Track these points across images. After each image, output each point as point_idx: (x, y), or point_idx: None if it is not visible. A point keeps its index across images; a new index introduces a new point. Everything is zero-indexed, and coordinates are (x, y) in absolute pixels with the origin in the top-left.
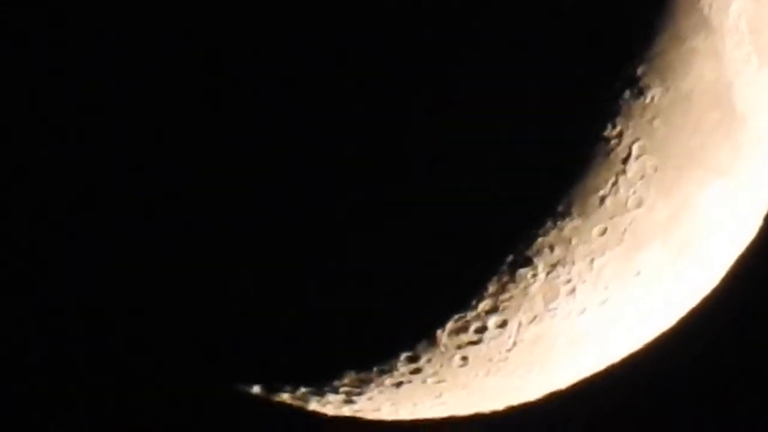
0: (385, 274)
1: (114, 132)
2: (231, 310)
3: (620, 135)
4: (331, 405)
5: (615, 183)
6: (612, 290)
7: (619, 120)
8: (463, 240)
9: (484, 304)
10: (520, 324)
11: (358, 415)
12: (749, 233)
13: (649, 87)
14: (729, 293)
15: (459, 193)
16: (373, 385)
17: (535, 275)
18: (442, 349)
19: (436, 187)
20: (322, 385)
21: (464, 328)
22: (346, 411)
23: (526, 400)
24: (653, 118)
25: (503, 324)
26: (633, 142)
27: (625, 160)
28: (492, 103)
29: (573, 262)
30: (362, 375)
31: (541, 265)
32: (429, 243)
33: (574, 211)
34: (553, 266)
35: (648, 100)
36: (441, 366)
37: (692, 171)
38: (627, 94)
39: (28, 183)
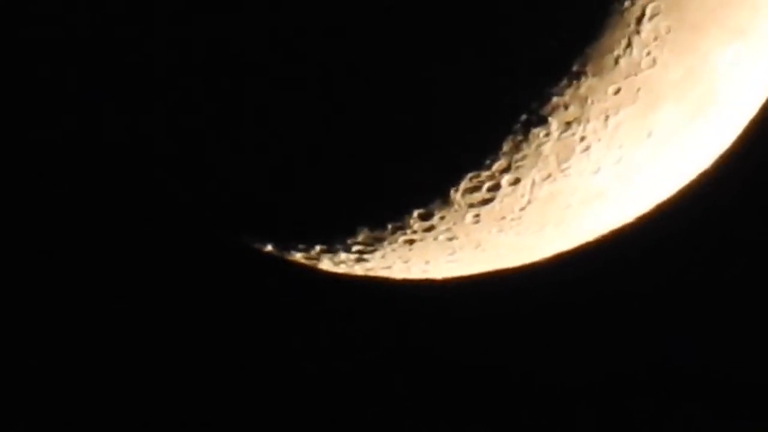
0: (400, 131)
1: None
2: (244, 164)
3: None
4: (343, 263)
5: (629, 43)
6: (626, 149)
7: None
8: (476, 99)
9: (498, 164)
10: (533, 182)
11: (370, 273)
12: (763, 92)
13: None
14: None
15: (473, 52)
16: (385, 242)
17: (548, 134)
18: (456, 206)
19: (452, 44)
20: (335, 242)
21: (478, 187)
22: (358, 269)
23: (539, 258)
24: None
25: (516, 182)
26: (647, 3)
27: (639, 20)
28: None
29: (587, 121)
30: (375, 232)
31: (555, 124)
32: (442, 102)
33: (589, 69)
34: (568, 124)
35: None
36: (454, 223)
37: (708, 31)
38: None
39: None
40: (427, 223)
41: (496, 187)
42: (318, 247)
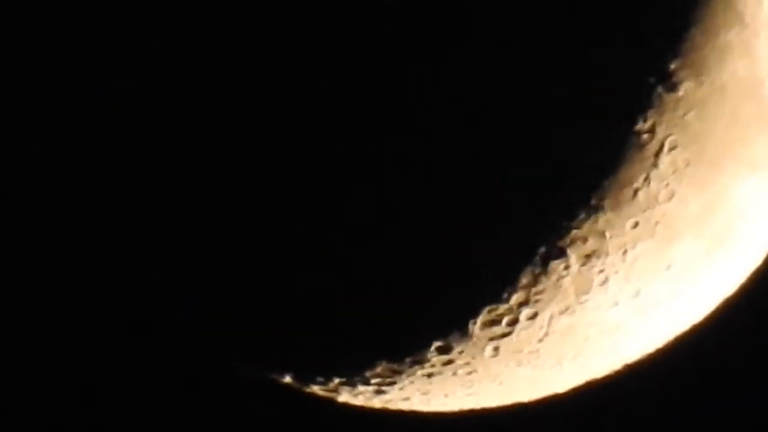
0: (418, 267)
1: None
2: (265, 299)
3: (653, 129)
4: (362, 396)
5: (647, 177)
6: (644, 282)
7: (651, 114)
8: (496, 232)
9: (517, 296)
10: (551, 315)
11: (389, 406)
12: None
13: (682, 81)
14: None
15: (493, 187)
16: (404, 375)
17: (567, 267)
18: (474, 340)
19: (470, 180)
20: (353, 375)
21: (497, 321)
22: (377, 402)
23: (558, 391)
24: (686, 113)
25: (535, 315)
26: (666, 137)
27: (658, 154)
28: (528, 98)
29: (606, 254)
30: (394, 365)
31: (574, 257)
32: (462, 236)
33: (607, 204)
34: (587, 258)
35: (681, 94)
36: (473, 357)
37: (726, 165)
38: (660, 88)
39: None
40: (445, 357)
41: (514, 321)
42: (337, 380)
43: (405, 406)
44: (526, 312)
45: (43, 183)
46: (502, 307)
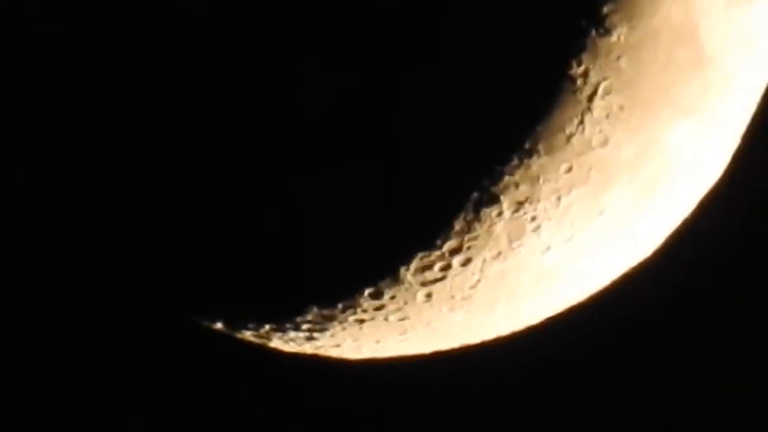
0: (350, 212)
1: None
2: (195, 244)
3: (586, 73)
4: (293, 342)
5: (581, 121)
6: (577, 228)
7: (585, 58)
8: (426, 179)
9: (450, 243)
10: (484, 261)
11: (320, 352)
12: (716, 172)
13: (615, 26)
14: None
15: (423, 132)
16: (335, 322)
17: (500, 213)
18: (406, 285)
19: (402, 124)
20: (285, 321)
21: (429, 266)
22: (308, 348)
23: (491, 336)
24: (620, 57)
25: (467, 261)
26: (599, 81)
27: (591, 99)
28: (459, 41)
29: (539, 200)
30: (325, 311)
31: (506, 203)
32: (393, 181)
33: (541, 148)
34: (520, 204)
35: (614, 38)
36: (405, 302)
37: (660, 110)
38: (593, 32)
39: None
40: (377, 302)
41: (447, 267)
42: (268, 326)
43: (336, 352)
44: (458, 258)
45: (43, 183)
46: (435, 254)
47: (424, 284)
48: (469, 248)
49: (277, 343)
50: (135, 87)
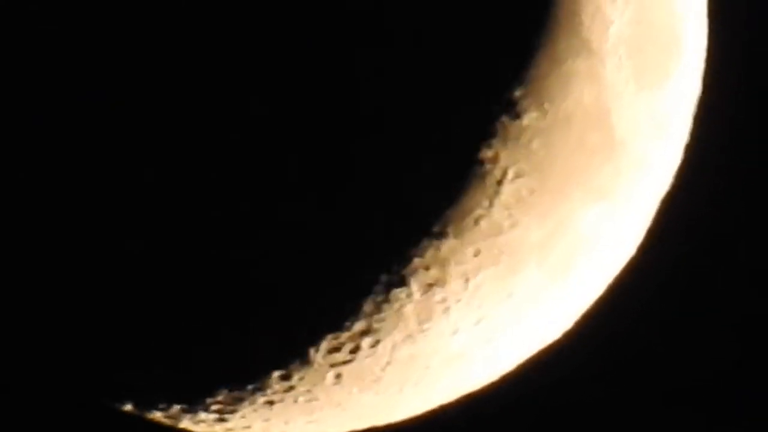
0: (259, 293)
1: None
2: (104, 322)
3: (496, 157)
4: (203, 423)
5: (490, 204)
6: (486, 310)
7: (495, 142)
8: (336, 261)
9: (359, 324)
10: (394, 343)
11: None
12: (627, 255)
13: (526, 110)
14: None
15: (333, 213)
16: (246, 403)
17: (409, 295)
18: (316, 367)
19: (314, 207)
20: (194, 402)
21: (338, 348)
22: (219, 429)
23: (401, 417)
24: (530, 141)
25: (377, 343)
26: (509, 165)
27: (501, 182)
28: (370, 124)
29: (448, 282)
30: (235, 393)
31: (415, 285)
32: (304, 263)
33: (450, 231)
34: (429, 286)
35: (525, 122)
36: (314, 384)
37: (570, 193)
38: (504, 116)
39: None
40: (286, 384)
41: (356, 349)
42: (177, 407)
43: None
44: (368, 340)
45: (43, 183)
46: (344, 335)
47: (333, 365)
48: (378, 330)
49: (187, 424)
50: (135, 87)
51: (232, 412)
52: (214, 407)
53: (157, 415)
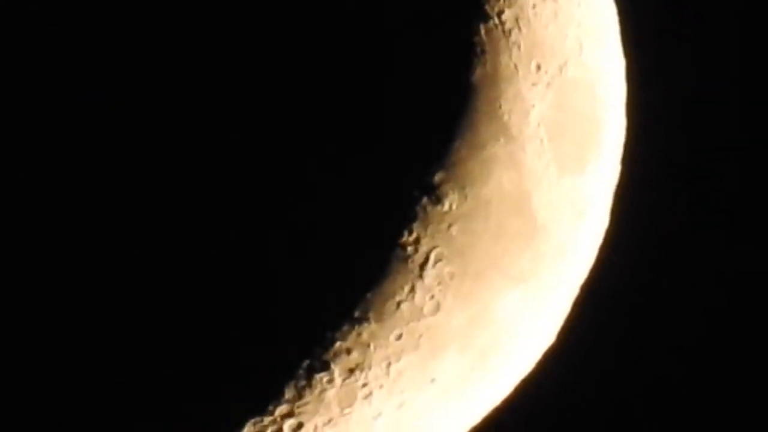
0: (184, 378)
1: None
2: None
3: (417, 241)
4: None
5: (412, 289)
6: (408, 395)
7: (416, 227)
8: (260, 345)
9: (281, 409)
10: (315, 427)
11: None
12: (548, 338)
13: (446, 194)
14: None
15: (257, 300)
16: None
17: (331, 380)
18: None
19: (235, 292)
20: None
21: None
22: None
23: None
24: (451, 226)
25: (299, 427)
26: (431, 249)
27: (423, 267)
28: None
29: (370, 367)
30: None
31: (337, 370)
32: (226, 347)
33: (371, 315)
34: (351, 371)
35: (446, 207)
36: None
37: (492, 278)
38: (424, 200)
39: None
40: None
41: None
42: None
43: None
44: (289, 423)
45: (43, 183)
46: (267, 419)
47: None
48: (300, 414)
49: None
50: (135, 87)
51: None
52: None
53: None
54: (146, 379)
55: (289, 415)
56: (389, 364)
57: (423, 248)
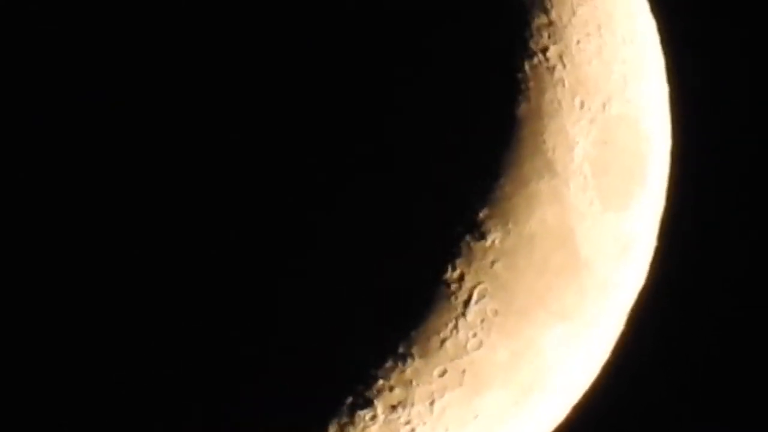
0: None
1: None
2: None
3: (461, 278)
4: None
5: (456, 326)
6: (452, 431)
7: (460, 263)
8: (301, 383)
9: None
10: None
11: None
12: (592, 373)
13: (490, 231)
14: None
15: (298, 334)
16: None
17: (374, 417)
18: None
19: (278, 331)
20: None
21: None
22: None
23: None
24: (495, 262)
25: None
26: (474, 286)
27: (466, 303)
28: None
29: (413, 404)
30: None
31: (380, 407)
32: (266, 386)
33: (415, 352)
34: (393, 407)
35: (489, 243)
36: None
37: (535, 314)
38: (468, 237)
39: None
40: None
41: None
42: None
43: None
44: None
45: (43, 183)
46: None
47: None
48: None
49: None
50: (135, 87)
51: None
52: None
53: None
54: (151, 381)
55: None
56: (432, 401)
57: (467, 285)
